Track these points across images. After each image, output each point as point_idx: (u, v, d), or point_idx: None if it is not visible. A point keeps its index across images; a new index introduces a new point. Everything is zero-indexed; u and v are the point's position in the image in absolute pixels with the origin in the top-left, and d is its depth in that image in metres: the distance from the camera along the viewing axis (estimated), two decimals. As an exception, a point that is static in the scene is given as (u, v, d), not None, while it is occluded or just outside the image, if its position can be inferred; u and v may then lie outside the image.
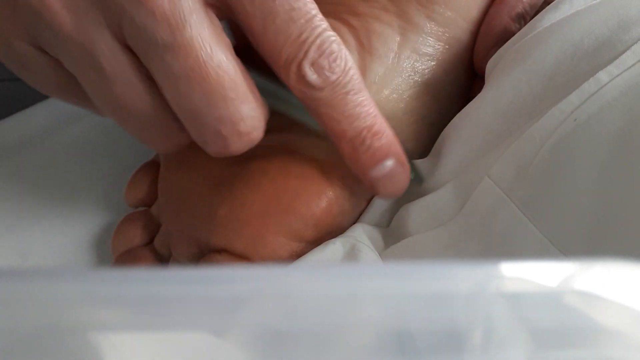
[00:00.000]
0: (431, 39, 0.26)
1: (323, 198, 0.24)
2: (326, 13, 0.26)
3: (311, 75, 0.19)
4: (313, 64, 0.19)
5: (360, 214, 0.25)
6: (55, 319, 0.11)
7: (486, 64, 0.26)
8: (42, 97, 0.33)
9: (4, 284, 0.11)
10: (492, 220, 0.21)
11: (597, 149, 0.19)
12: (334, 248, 0.23)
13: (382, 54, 0.25)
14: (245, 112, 0.19)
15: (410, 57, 0.26)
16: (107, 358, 0.11)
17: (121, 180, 0.29)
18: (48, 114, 0.32)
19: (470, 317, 0.11)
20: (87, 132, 0.31)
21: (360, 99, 0.21)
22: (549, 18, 0.23)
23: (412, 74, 0.26)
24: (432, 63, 0.26)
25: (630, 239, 0.18)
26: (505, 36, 0.25)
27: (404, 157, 0.22)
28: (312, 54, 0.19)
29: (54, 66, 0.20)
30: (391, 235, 0.24)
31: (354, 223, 0.25)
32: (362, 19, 0.26)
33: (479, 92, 0.24)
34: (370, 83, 0.25)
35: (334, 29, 0.26)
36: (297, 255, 0.23)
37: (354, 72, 0.20)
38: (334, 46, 0.20)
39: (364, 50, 0.25)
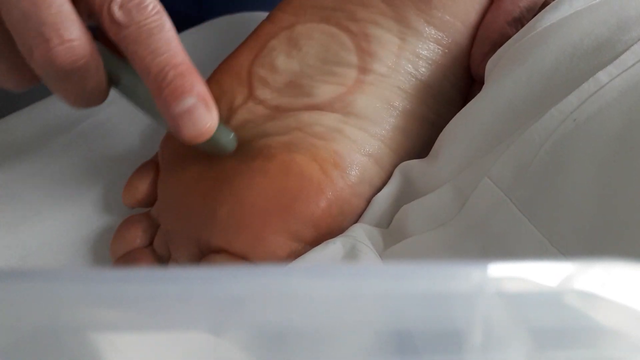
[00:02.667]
0: (430, 43, 0.26)
1: (322, 199, 0.24)
2: (325, 19, 0.26)
3: (119, 15, 0.22)
4: (121, 6, 0.22)
5: (360, 215, 0.25)
6: (55, 319, 0.11)
7: (482, 68, 0.26)
8: (42, 96, 0.33)
9: (4, 284, 0.11)
10: (491, 220, 0.21)
11: (597, 149, 0.19)
12: (334, 248, 0.23)
13: (382, 56, 0.25)
14: (69, 22, 0.21)
15: (410, 60, 0.26)
16: (106, 358, 0.11)
17: (121, 182, 0.29)
18: (48, 115, 0.32)
19: (469, 317, 0.11)
20: (87, 132, 0.31)
21: (165, 37, 0.22)
22: (548, 18, 0.23)
23: (413, 76, 0.26)
24: (432, 66, 0.26)
25: (629, 239, 0.18)
26: (502, 41, 0.25)
27: (208, 99, 0.23)
28: None
29: None
30: (391, 236, 0.24)
31: (353, 223, 0.25)
32: (361, 24, 0.26)
33: (478, 94, 0.24)
34: (371, 83, 0.25)
35: (332, 35, 0.26)
36: (296, 256, 0.23)
37: (162, 17, 0.22)
38: None
39: (364, 52, 0.25)
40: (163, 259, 0.26)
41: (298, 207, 0.23)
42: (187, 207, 0.25)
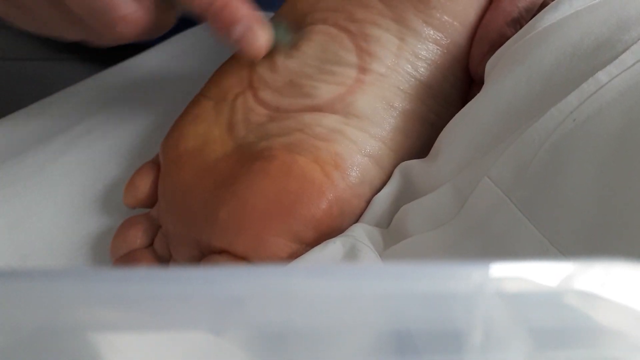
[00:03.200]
0: (429, 44, 0.26)
1: (323, 200, 0.24)
2: (324, 20, 0.26)
3: None
4: None
5: (360, 215, 0.25)
6: (55, 319, 0.11)
7: (481, 68, 0.26)
8: (42, 96, 0.33)
9: (4, 284, 0.11)
10: (491, 220, 0.21)
11: (597, 149, 0.19)
12: (334, 248, 0.23)
13: (381, 56, 0.25)
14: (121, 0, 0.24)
15: (409, 61, 0.26)
16: (106, 358, 0.11)
17: (121, 182, 0.29)
18: (48, 115, 0.32)
19: (469, 317, 0.11)
20: (87, 132, 0.31)
21: None
22: (548, 18, 0.23)
23: (412, 76, 0.26)
24: (431, 66, 0.26)
25: (629, 239, 0.18)
26: (501, 41, 0.25)
27: (253, 20, 0.25)
28: None
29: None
30: (391, 236, 0.24)
31: (353, 224, 0.25)
32: (360, 25, 0.26)
33: (477, 94, 0.24)
34: (371, 83, 0.25)
35: (332, 36, 0.26)
36: (297, 257, 0.23)
37: None
38: None
39: (363, 52, 0.25)
40: (163, 259, 0.26)
41: (299, 209, 0.23)
42: (187, 208, 0.25)
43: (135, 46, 0.36)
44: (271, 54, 0.27)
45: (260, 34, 0.25)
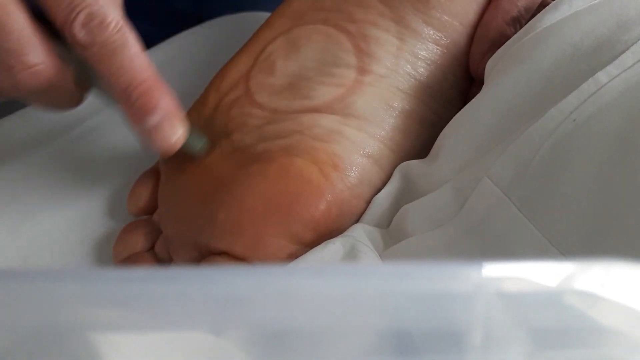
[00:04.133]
0: (429, 43, 0.26)
1: (322, 200, 0.24)
2: (323, 20, 0.26)
3: (81, 36, 0.22)
4: (83, 26, 0.22)
5: (360, 215, 0.25)
6: (55, 318, 0.11)
7: (481, 68, 0.26)
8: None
9: (4, 284, 0.11)
10: (491, 220, 0.21)
11: (597, 149, 0.19)
12: (334, 248, 0.23)
13: (381, 57, 0.25)
14: (31, 47, 0.22)
15: (409, 61, 0.26)
16: (106, 357, 0.11)
17: (121, 184, 0.29)
18: (48, 116, 0.32)
19: (469, 317, 0.11)
20: (88, 133, 0.31)
21: (127, 55, 0.23)
22: (548, 18, 0.23)
23: (412, 76, 0.26)
24: (431, 66, 0.26)
25: (629, 239, 0.18)
26: (501, 40, 0.25)
27: (173, 114, 0.24)
28: (81, 17, 0.22)
29: None
30: (391, 236, 0.24)
31: (353, 224, 0.25)
32: (359, 25, 0.26)
33: (477, 94, 0.24)
34: (370, 84, 0.25)
35: (330, 37, 0.26)
36: (296, 258, 0.23)
37: (122, 34, 0.22)
38: (102, 10, 0.22)
39: (362, 53, 0.25)
40: (164, 262, 0.26)
41: (298, 210, 0.23)
42: (187, 211, 0.25)
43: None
44: (178, 153, 0.25)
45: (176, 129, 0.24)
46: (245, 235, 0.23)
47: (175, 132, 0.24)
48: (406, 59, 0.25)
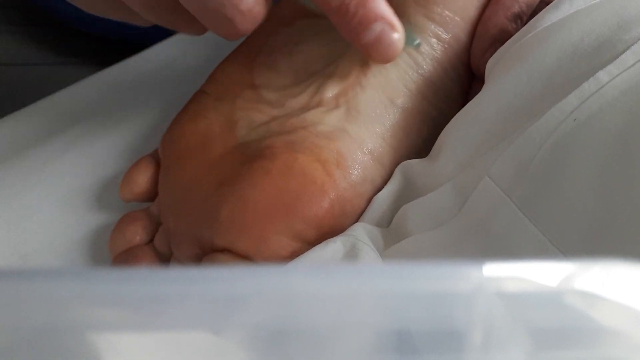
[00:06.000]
0: (431, 39, 0.26)
1: (325, 199, 0.24)
2: (326, 16, 0.26)
3: None
4: None
5: (362, 214, 0.25)
6: (55, 318, 0.11)
7: (482, 64, 0.26)
8: (42, 96, 0.33)
9: (4, 284, 0.11)
10: (491, 220, 0.21)
11: (597, 148, 0.19)
12: (335, 247, 0.23)
13: None
14: None
15: (411, 56, 0.26)
16: (106, 358, 0.11)
17: (120, 180, 0.29)
18: (48, 114, 0.32)
19: (469, 317, 0.11)
20: (88, 132, 0.31)
21: None
22: (549, 18, 0.23)
23: (414, 71, 0.26)
24: (433, 62, 0.26)
25: (630, 239, 0.18)
26: (502, 36, 0.25)
27: (393, 20, 0.23)
28: None
29: None
30: (391, 235, 0.24)
31: (355, 222, 0.25)
32: None
33: (479, 90, 0.24)
34: (372, 79, 0.25)
35: (332, 31, 0.26)
36: (298, 256, 0.23)
37: None
38: None
39: None
40: (164, 257, 0.26)
41: (301, 208, 0.23)
42: (189, 206, 0.25)
43: (135, 46, 0.36)
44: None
45: (395, 37, 0.23)
46: (248, 232, 0.23)
47: (397, 38, 0.23)
48: (408, 54, 0.25)
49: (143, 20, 0.24)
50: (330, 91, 0.25)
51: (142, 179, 0.27)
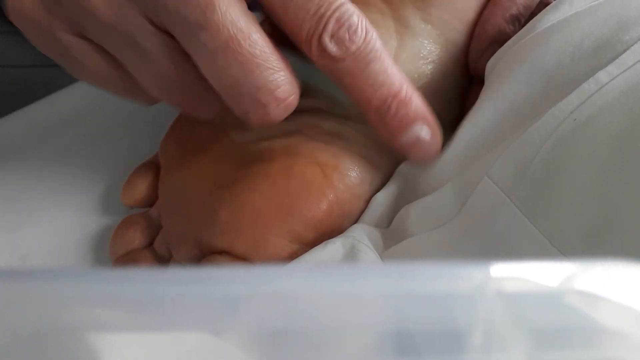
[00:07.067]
0: (428, 42, 0.26)
1: (324, 200, 0.24)
2: None
3: (332, 48, 0.20)
4: (333, 37, 0.20)
5: (360, 215, 0.25)
6: (55, 319, 0.11)
7: (480, 65, 0.26)
8: (41, 95, 0.33)
9: (4, 284, 0.11)
10: (491, 220, 0.21)
11: (597, 149, 0.19)
12: (334, 248, 0.23)
13: None
14: (281, 79, 0.20)
15: (409, 59, 0.26)
16: (106, 358, 0.11)
17: (120, 182, 0.29)
18: (48, 114, 0.32)
19: (470, 317, 0.11)
20: (88, 133, 0.31)
21: (384, 67, 0.21)
22: (548, 19, 0.23)
23: (411, 74, 0.26)
24: (430, 65, 0.26)
25: (630, 239, 0.18)
26: (500, 38, 0.25)
27: (433, 122, 0.22)
28: (330, 26, 0.20)
29: (100, 54, 0.21)
30: (391, 236, 0.24)
31: (353, 224, 0.25)
32: None
33: (478, 93, 0.24)
34: None
35: None
36: (297, 258, 0.23)
37: (374, 42, 0.21)
38: (354, 18, 0.20)
39: None
40: (163, 259, 0.26)
41: (299, 210, 0.23)
42: (188, 208, 0.25)
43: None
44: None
45: (437, 134, 0.22)
46: (247, 234, 0.23)
47: (436, 140, 0.22)
48: (405, 57, 0.25)
49: (150, 100, 0.23)
50: (328, 95, 0.25)
51: (143, 185, 0.27)
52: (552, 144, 0.20)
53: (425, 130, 0.22)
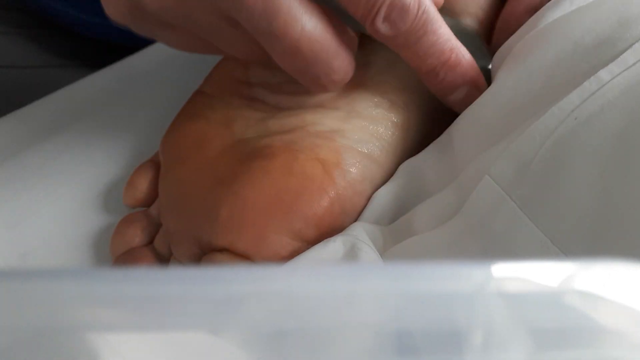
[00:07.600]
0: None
1: (325, 198, 0.24)
2: None
3: (384, 29, 0.22)
4: (385, 19, 0.22)
5: (361, 212, 0.25)
6: (55, 319, 0.11)
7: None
8: (41, 95, 0.33)
9: (4, 284, 0.11)
10: (492, 219, 0.21)
11: (598, 147, 0.19)
12: (334, 247, 0.23)
13: (382, 51, 0.25)
14: (337, 65, 0.23)
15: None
16: (106, 358, 0.11)
17: (120, 181, 0.29)
18: (47, 114, 0.32)
19: (470, 317, 0.11)
20: (87, 131, 0.31)
21: (433, 39, 0.23)
22: (550, 15, 0.23)
23: (413, 71, 0.26)
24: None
25: (630, 239, 0.18)
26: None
27: (478, 81, 0.24)
28: (383, 11, 0.22)
29: (239, 33, 0.23)
30: (392, 234, 0.24)
31: (355, 221, 0.25)
32: None
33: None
34: (371, 79, 0.25)
35: None
36: (298, 255, 0.23)
37: (426, 16, 0.22)
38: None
39: (364, 47, 0.25)
40: (164, 258, 0.26)
41: (300, 207, 0.23)
42: (188, 206, 0.25)
43: (134, 49, 0.36)
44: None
45: (480, 92, 0.24)
46: (248, 232, 0.23)
47: (482, 91, 0.24)
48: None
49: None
50: (329, 92, 0.25)
51: (143, 185, 0.27)
52: (553, 142, 0.20)
53: (472, 91, 0.24)
